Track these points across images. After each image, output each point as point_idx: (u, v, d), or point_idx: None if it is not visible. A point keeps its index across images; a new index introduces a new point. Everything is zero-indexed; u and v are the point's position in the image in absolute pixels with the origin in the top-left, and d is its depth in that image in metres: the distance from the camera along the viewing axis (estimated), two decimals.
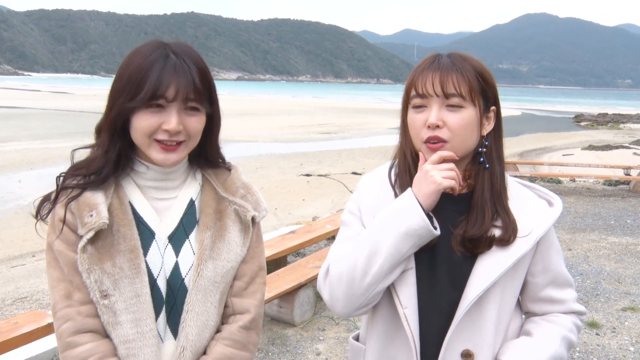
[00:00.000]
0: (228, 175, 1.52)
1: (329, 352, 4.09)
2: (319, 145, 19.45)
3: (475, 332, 1.36)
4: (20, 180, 11.48)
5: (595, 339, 4.39)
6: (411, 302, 1.37)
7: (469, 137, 1.35)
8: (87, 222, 1.31)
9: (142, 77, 1.29)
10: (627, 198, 10.42)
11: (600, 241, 7.33)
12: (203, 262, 1.40)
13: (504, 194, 1.41)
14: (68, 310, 1.33)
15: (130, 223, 1.36)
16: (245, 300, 1.49)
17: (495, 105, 1.41)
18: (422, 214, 1.29)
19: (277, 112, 36.95)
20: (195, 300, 1.38)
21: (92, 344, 1.33)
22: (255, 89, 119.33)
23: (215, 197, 1.47)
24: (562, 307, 1.47)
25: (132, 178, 1.43)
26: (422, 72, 1.36)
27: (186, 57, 1.34)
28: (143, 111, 1.30)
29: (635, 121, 35.60)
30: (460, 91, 1.32)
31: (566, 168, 12.99)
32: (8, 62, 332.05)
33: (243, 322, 1.46)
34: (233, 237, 1.46)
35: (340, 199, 10.25)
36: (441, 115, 1.33)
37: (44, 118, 25.75)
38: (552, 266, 1.45)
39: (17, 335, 2.79)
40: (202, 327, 1.40)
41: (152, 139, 1.33)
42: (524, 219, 1.39)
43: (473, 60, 1.37)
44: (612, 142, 21.32)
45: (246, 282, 1.50)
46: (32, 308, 4.88)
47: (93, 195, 1.35)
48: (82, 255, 1.32)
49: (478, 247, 1.36)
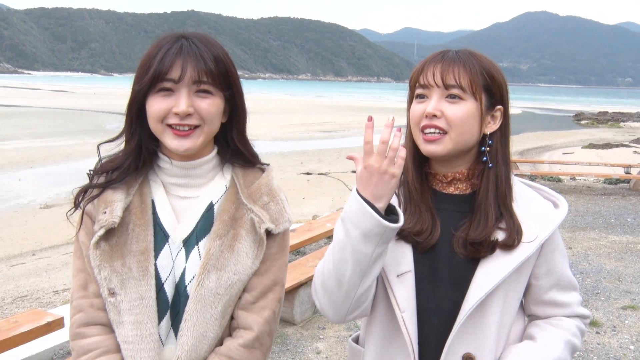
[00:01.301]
0: (257, 178, 1.46)
1: (329, 350, 4.09)
2: (319, 144, 19.45)
3: (478, 336, 1.34)
4: (20, 179, 11.48)
5: (595, 337, 4.39)
6: (409, 305, 1.35)
7: (467, 130, 1.33)
8: (100, 219, 1.34)
9: (150, 62, 1.30)
10: (628, 196, 10.41)
11: (600, 239, 7.32)
12: (206, 272, 1.34)
13: (508, 196, 1.38)
14: (82, 301, 1.36)
15: (146, 224, 1.36)
16: (250, 315, 1.40)
17: (502, 104, 1.39)
18: (371, 214, 1.20)
19: (277, 110, 36.92)
20: (194, 310, 1.34)
21: (99, 337, 1.34)
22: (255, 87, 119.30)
23: (235, 202, 1.41)
24: (566, 310, 1.44)
25: (158, 175, 1.42)
26: (426, 64, 1.36)
27: (199, 42, 1.33)
28: (154, 96, 1.31)
29: (635, 119, 35.57)
30: (460, 83, 1.31)
31: (566, 166, 12.99)
32: (8, 61, 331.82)
33: (244, 340, 1.38)
34: (244, 248, 1.38)
35: (340, 197, 10.25)
36: (440, 106, 1.32)
37: (44, 117, 25.74)
38: (556, 269, 1.42)
39: (16, 334, 2.79)
40: (199, 337, 1.35)
41: (165, 124, 1.31)
42: (529, 222, 1.37)
43: (481, 57, 1.36)
44: (612, 141, 21.32)
45: (255, 296, 1.41)
46: (32, 307, 4.88)
47: (114, 192, 1.36)
48: (94, 251, 1.33)
49: (480, 252, 1.33)
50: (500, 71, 1.38)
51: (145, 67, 1.31)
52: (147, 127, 1.35)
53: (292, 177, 12.67)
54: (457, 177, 1.41)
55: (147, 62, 1.31)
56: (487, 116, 1.37)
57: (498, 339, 1.36)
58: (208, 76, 1.31)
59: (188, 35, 1.34)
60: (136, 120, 1.35)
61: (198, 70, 1.29)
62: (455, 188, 1.42)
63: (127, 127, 1.37)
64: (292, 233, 5.28)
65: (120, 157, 1.39)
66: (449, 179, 1.41)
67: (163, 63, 1.28)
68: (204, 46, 1.32)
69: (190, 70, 1.29)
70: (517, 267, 1.33)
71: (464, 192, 1.41)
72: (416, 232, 1.37)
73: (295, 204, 9.81)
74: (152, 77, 1.28)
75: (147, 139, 1.37)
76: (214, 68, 1.31)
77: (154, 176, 1.42)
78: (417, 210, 1.39)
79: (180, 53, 1.29)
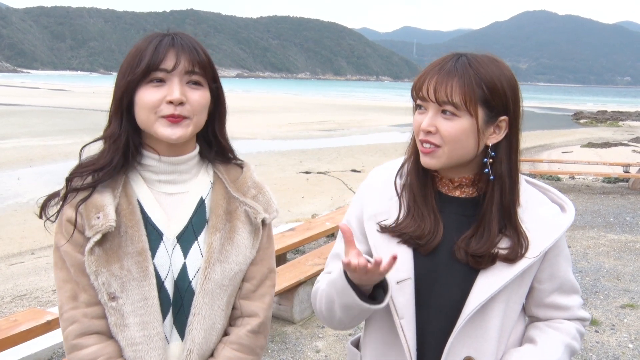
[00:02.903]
0: (240, 173, 1.50)
1: (328, 349, 4.09)
2: (318, 143, 19.43)
3: (478, 339, 1.33)
4: (19, 178, 11.46)
5: (594, 336, 4.39)
6: (408, 312, 1.35)
7: (462, 146, 1.31)
8: (94, 224, 1.30)
9: (141, 54, 1.30)
10: (626, 195, 10.43)
11: (599, 238, 7.33)
12: (211, 266, 1.38)
13: (513, 210, 1.35)
14: (74, 312, 1.32)
15: (138, 224, 1.34)
16: (253, 303, 1.47)
17: (506, 114, 1.33)
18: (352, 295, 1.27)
19: (276, 109, 36.91)
20: (202, 304, 1.37)
21: (98, 345, 1.32)
22: (254, 86, 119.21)
23: (225, 197, 1.45)
24: (566, 313, 1.44)
25: (140, 173, 1.40)
26: (426, 74, 1.33)
27: (185, 38, 1.35)
28: (145, 87, 1.30)
29: (634, 119, 35.59)
30: (453, 100, 1.27)
31: (565, 165, 13.00)
32: (7, 60, 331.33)
33: (251, 326, 1.45)
34: (242, 239, 1.43)
35: (339, 196, 10.25)
36: (434, 121, 1.30)
37: (43, 115, 25.70)
38: (559, 273, 1.42)
39: (16, 332, 2.79)
40: (209, 330, 1.39)
41: (157, 116, 1.31)
42: (536, 229, 1.35)
43: (483, 66, 1.30)
44: (611, 140, 21.33)
45: (255, 284, 1.48)
46: (31, 306, 4.87)
47: (101, 196, 1.33)
48: (89, 258, 1.30)
49: (481, 264, 1.33)
50: (508, 79, 1.32)
51: (136, 58, 1.30)
52: (132, 121, 1.35)
53: (292, 175, 12.66)
54: (463, 182, 1.40)
55: (138, 55, 1.31)
56: (488, 128, 1.32)
57: (499, 342, 1.35)
58: (200, 67, 1.33)
59: (172, 33, 1.36)
60: (126, 114, 1.34)
61: (191, 60, 1.32)
62: (462, 192, 1.41)
63: (116, 122, 1.34)
64: (292, 232, 5.28)
65: (105, 155, 1.34)
66: (456, 183, 1.40)
67: (157, 52, 1.29)
68: (192, 41, 1.35)
69: (184, 60, 1.31)
70: (519, 274, 1.33)
71: (470, 195, 1.40)
72: (418, 236, 1.36)
73: (295, 202, 9.81)
74: (146, 66, 1.29)
75: (133, 134, 1.36)
76: (205, 59, 1.35)
77: (134, 175, 1.40)
78: (419, 214, 1.38)
79: (173, 44, 1.31)
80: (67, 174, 1.38)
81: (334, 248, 1.52)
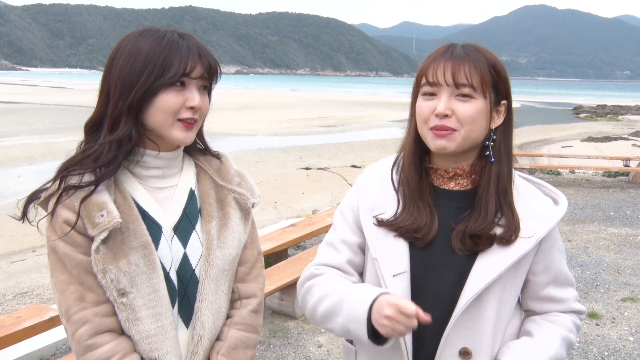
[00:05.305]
0: (220, 164, 1.55)
1: (330, 344, 4.11)
2: (318, 139, 19.42)
3: (474, 330, 1.34)
4: (19, 175, 11.48)
5: (595, 329, 4.41)
6: None
7: (477, 128, 1.33)
8: (99, 223, 1.29)
9: (166, 57, 1.31)
10: (627, 189, 10.44)
11: (599, 232, 7.35)
12: (212, 252, 1.43)
13: (509, 190, 1.38)
14: (83, 312, 1.31)
15: (137, 219, 1.35)
16: (250, 284, 1.55)
17: (506, 99, 1.39)
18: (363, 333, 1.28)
19: (276, 105, 36.88)
20: (208, 290, 1.42)
21: (112, 343, 1.32)
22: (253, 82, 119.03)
23: (213, 186, 1.50)
24: (562, 306, 1.45)
25: (130, 170, 1.41)
26: (435, 61, 1.34)
27: (196, 42, 1.38)
28: (168, 90, 1.32)
29: (634, 112, 35.56)
30: (472, 82, 1.30)
31: (565, 160, 12.99)
32: (6, 57, 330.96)
33: (252, 306, 1.53)
34: (235, 224, 1.50)
35: (339, 192, 10.26)
36: (450, 105, 1.31)
37: (43, 113, 25.71)
38: (553, 265, 1.43)
39: (20, 329, 2.80)
40: (216, 314, 1.45)
41: (176, 118, 1.34)
42: (528, 219, 1.37)
43: (487, 53, 1.36)
44: (611, 134, 21.32)
45: (249, 267, 1.55)
46: (33, 303, 4.89)
47: (99, 194, 1.32)
48: (95, 256, 1.29)
49: (479, 245, 1.34)
50: (504, 66, 1.38)
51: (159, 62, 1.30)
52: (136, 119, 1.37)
53: (292, 172, 12.66)
54: (458, 172, 1.41)
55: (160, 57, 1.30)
56: (493, 112, 1.37)
57: (495, 334, 1.36)
58: (210, 73, 1.39)
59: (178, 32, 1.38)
60: (137, 113, 1.34)
61: (206, 67, 1.36)
62: (456, 184, 1.42)
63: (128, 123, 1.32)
64: (293, 228, 5.29)
65: (107, 153, 1.32)
66: (451, 174, 1.41)
67: (187, 59, 1.32)
68: (205, 47, 1.39)
69: (202, 67, 1.35)
70: (514, 263, 1.34)
71: (465, 187, 1.41)
72: (414, 229, 1.37)
73: (295, 198, 9.82)
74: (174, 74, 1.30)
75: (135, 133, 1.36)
76: (215, 67, 1.40)
77: (124, 172, 1.40)
78: (415, 207, 1.39)
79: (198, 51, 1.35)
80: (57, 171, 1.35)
81: (328, 237, 1.53)
